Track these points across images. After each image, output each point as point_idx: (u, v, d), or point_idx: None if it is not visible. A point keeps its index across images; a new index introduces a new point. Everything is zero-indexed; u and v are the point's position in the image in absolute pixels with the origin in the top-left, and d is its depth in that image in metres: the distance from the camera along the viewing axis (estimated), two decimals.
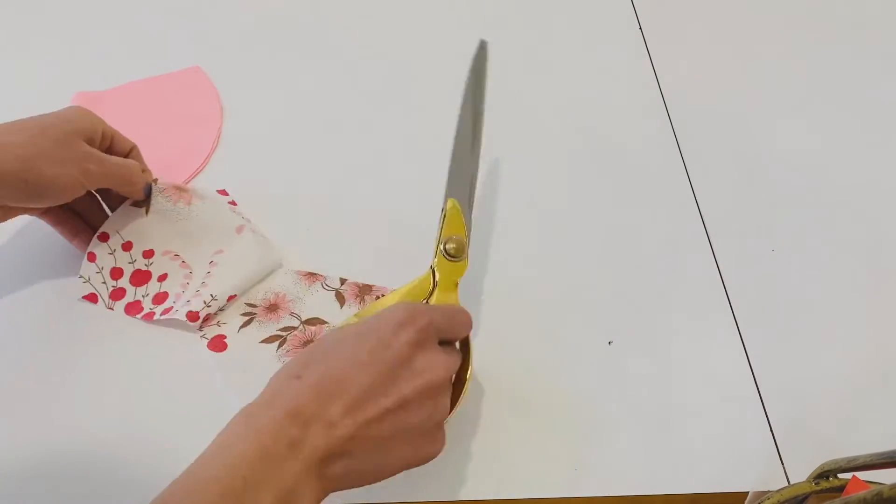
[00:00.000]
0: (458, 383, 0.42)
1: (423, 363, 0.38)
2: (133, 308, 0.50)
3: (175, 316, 0.49)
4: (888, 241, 0.57)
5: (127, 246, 0.52)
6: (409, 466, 0.39)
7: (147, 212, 0.52)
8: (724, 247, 0.56)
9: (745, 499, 0.41)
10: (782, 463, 0.46)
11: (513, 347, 0.51)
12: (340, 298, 0.51)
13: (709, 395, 0.48)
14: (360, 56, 0.69)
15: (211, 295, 0.49)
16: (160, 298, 0.51)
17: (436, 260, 0.45)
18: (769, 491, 0.38)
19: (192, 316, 0.49)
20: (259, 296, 0.51)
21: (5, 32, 0.69)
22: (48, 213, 0.51)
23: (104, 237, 0.52)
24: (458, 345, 0.43)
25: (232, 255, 0.52)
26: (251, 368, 0.47)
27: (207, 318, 0.49)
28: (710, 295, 0.54)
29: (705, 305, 0.53)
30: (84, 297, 0.51)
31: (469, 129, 0.50)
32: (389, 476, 0.38)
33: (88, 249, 0.51)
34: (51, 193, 0.47)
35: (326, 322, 0.50)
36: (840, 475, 0.36)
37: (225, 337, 0.49)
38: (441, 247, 0.45)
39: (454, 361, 0.41)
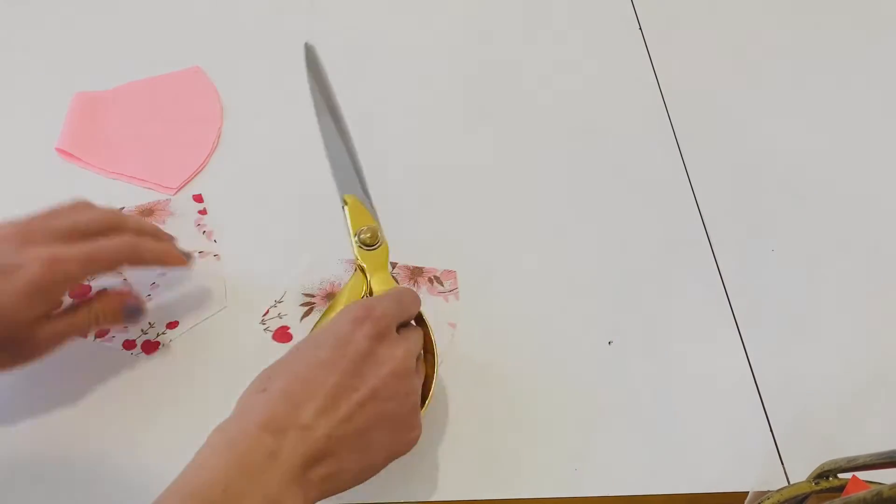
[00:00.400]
0: (428, 356, 0.43)
1: (385, 352, 0.38)
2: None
3: (111, 344, 0.47)
4: (888, 241, 0.57)
5: None
6: (391, 457, 0.39)
7: None
8: (724, 247, 0.56)
9: (745, 499, 0.41)
10: (782, 463, 0.46)
11: (513, 347, 0.51)
12: (395, 281, 0.50)
13: (709, 395, 0.48)
14: (360, 53, 0.69)
15: (150, 322, 0.48)
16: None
17: (357, 256, 0.45)
18: (769, 491, 0.38)
19: (129, 344, 0.47)
20: (315, 286, 0.52)
21: (4, 32, 0.69)
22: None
23: None
24: (413, 322, 0.43)
25: (175, 278, 0.51)
26: None
27: (157, 347, 0.48)
28: (710, 295, 0.54)
29: (705, 305, 0.53)
30: None
31: (333, 127, 0.49)
32: (375, 472, 0.38)
33: None
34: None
35: None
36: (840, 475, 0.36)
37: (289, 328, 0.50)
38: (356, 240, 0.45)
39: (415, 343, 0.41)
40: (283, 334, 0.49)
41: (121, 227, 0.44)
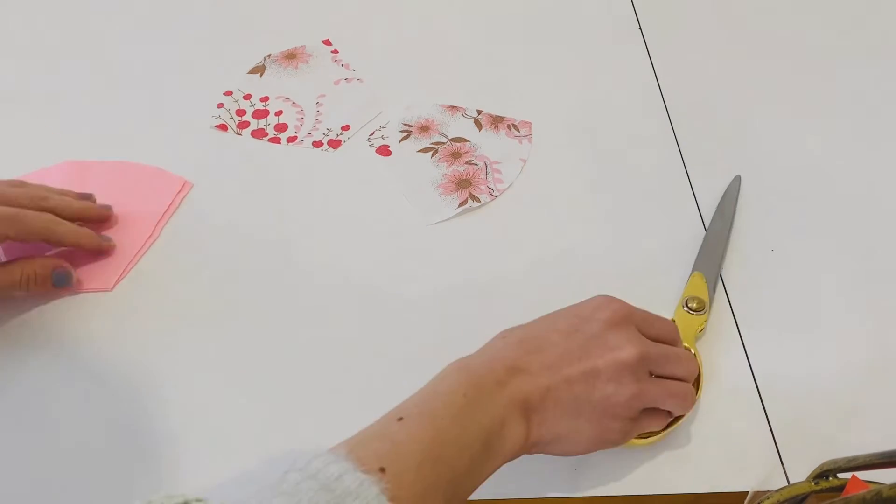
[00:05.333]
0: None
1: (615, 340, 0.41)
2: (259, 133, 0.64)
3: (301, 145, 0.63)
4: (888, 240, 0.57)
5: (247, 97, 0.67)
6: (595, 442, 0.42)
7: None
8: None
9: (745, 499, 0.41)
10: (782, 463, 0.46)
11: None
12: (478, 125, 0.64)
13: (709, 395, 0.48)
14: (361, 51, 0.69)
15: (328, 128, 0.64)
16: (281, 128, 0.64)
17: (675, 313, 0.51)
18: (769, 491, 0.38)
19: (317, 143, 0.63)
20: (413, 119, 0.65)
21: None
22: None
23: (228, 93, 0.67)
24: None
25: (333, 98, 0.67)
26: (410, 171, 0.61)
27: (335, 143, 0.63)
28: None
29: None
30: (216, 126, 0.64)
31: (717, 234, 0.56)
32: (578, 449, 0.42)
33: (219, 102, 0.66)
34: None
35: (468, 140, 0.63)
36: (840, 475, 0.36)
37: (389, 146, 0.63)
38: (683, 302, 0.52)
39: (657, 351, 0.43)
40: (383, 150, 0.63)
41: (51, 208, 0.52)
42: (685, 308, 0.51)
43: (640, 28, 0.72)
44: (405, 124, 0.64)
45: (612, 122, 0.64)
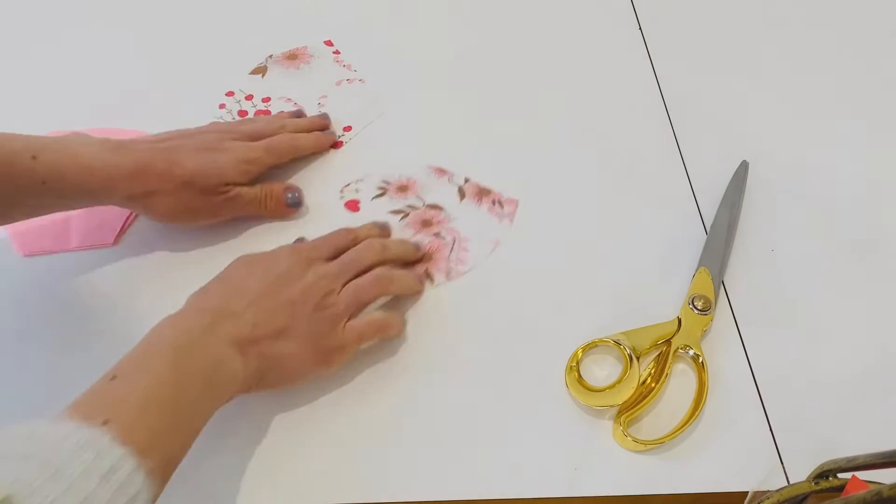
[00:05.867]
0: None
1: (311, 275, 0.47)
2: None
3: None
4: (888, 240, 0.57)
5: (249, 97, 0.66)
6: (308, 373, 0.47)
7: None
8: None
9: (745, 499, 0.41)
10: (782, 463, 0.46)
11: (511, 346, 0.51)
12: (461, 193, 0.59)
13: (709, 395, 0.48)
14: (368, 46, 0.69)
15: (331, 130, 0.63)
16: None
17: (681, 312, 0.51)
18: (769, 491, 0.38)
19: None
20: (394, 177, 0.61)
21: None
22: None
23: (230, 94, 0.66)
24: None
25: (335, 98, 0.66)
26: None
27: (338, 144, 0.63)
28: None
29: None
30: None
31: (725, 223, 0.56)
32: (295, 379, 0.46)
33: (221, 103, 0.66)
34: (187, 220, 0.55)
35: (444, 209, 0.58)
36: (840, 475, 0.36)
37: (359, 202, 0.59)
38: (689, 301, 0.52)
39: (342, 278, 0.49)
40: (352, 205, 0.59)
41: (283, 129, 0.60)
42: (691, 307, 0.51)
43: (640, 28, 0.72)
44: (384, 181, 0.60)
45: (611, 122, 0.64)
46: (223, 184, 0.53)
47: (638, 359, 0.49)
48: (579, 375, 0.48)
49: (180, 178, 0.51)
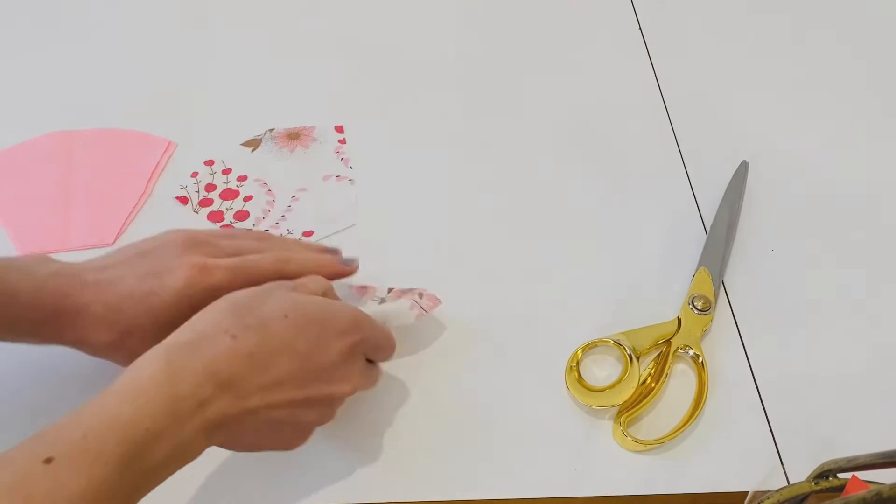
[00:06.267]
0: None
1: (343, 373, 0.39)
2: (215, 217, 0.58)
3: None
4: (888, 240, 0.57)
5: (226, 171, 0.60)
6: (270, 450, 0.40)
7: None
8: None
9: (745, 499, 0.41)
10: (782, 463, 0.46)
11: (512, 346, 0.51)
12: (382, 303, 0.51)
13: (709, 395, 0.48)
14: (358, 50, 0.69)
15: (289, 229, 0.57)
16: (241, 216, 0.58)
17: (681, 312, 0.51)
18: (769, 491, 0.38)
19: None
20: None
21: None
22: None
23: (209, 163, 0.61)
24: None
25: (312, 195, 0.59)
26: None
27: None
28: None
29: None
30: (176, 198, 0.59)
31: (725, 223, 0.56)
32: (250, 451, 0.40)
33: (194, 171, 0.60)
34: None
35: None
36: (840, 475, 0.36)
37: None
38: (689, 301, 0.51)
39: (367, 380, 0.43)
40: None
41: (273, 247, 0.46)
42: (691, 307, 0.51)
43: (640, 28, 0.72)
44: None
45: (611, 122, 0.64)
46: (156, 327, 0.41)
47: (638, 359, 0.49)
48: (579, 375, 0.48)
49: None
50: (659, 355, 0.50)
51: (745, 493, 0.42)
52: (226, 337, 0.35)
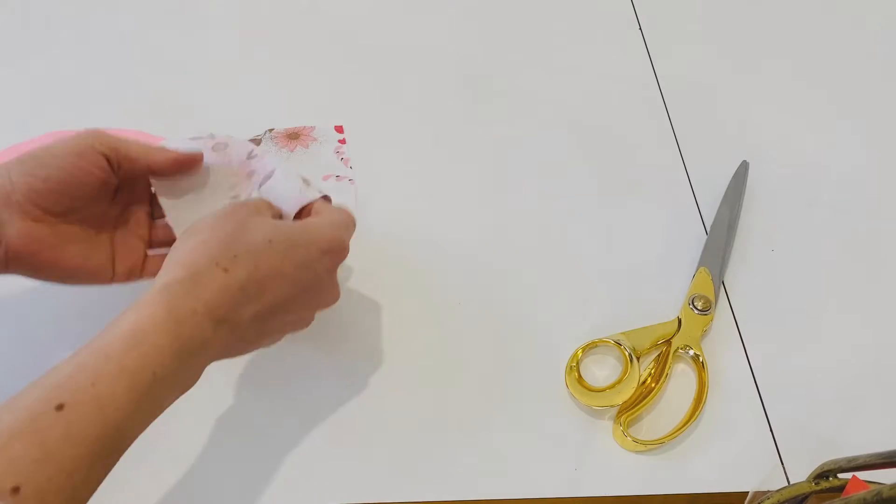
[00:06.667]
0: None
1: (328, 286, 0.42)
2: None
3: None
4: (888, 240, 0.57)
5: None
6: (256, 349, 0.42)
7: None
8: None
9: (745, 499, 0.41)
10: (782, 463, 0.46)
11: (512, 346, 0.51)
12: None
13: (709, 395, 0.48)
14: (356, 52, 0.69)
15: None
16: None
17: (681, 312, 0.51)
18: (769, 491, 0.38)
19: None
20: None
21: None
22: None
23: None
24: None
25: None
26: None
27: None
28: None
29: None
30: None
31: (725, 223, 0.56)
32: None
33: None
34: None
35: None
36: (840, 475, 0.36)
37: None
38: (689, 300, 0.52)
39: (338, 288, 0.44)
40: None
41: None
42: (691, 307, 0.51)
43: (640, 28, 0.72)
44: None
45: (611, 122, 0.64)
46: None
47: (638, 359, 0.49)
48: (579, 375, 0.48)
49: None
50: (659, 355, 0.50)
51: (745, 494, 0.42)
52: (218, 270, 0.36)
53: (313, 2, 0.73)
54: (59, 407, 0.29)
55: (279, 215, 0.43)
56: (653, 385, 0.48)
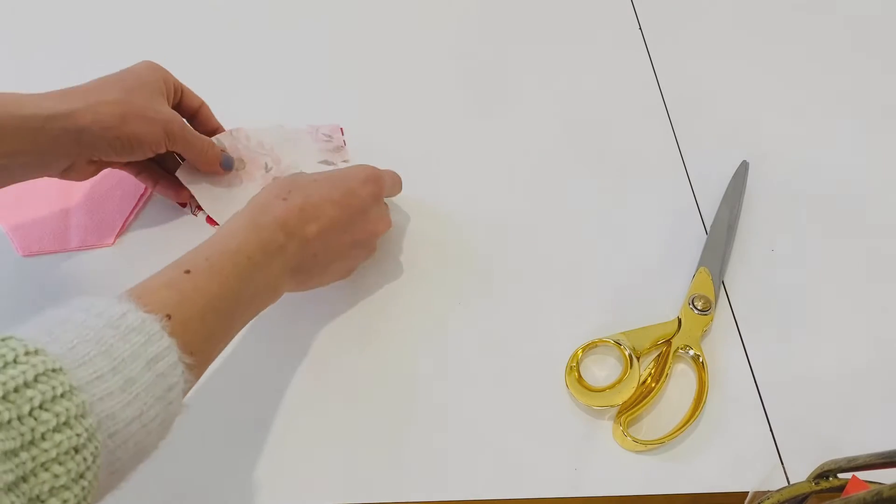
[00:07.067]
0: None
1: (375, 214, 0.50)
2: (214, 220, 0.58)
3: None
4: (888, 240, 0.57)
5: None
6: (331, 282, 0.50)
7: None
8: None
9: (745, 499, 0.41)
10: (782, 463, 0.46)
11: (512, 346, 0.51)
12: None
13: (708, 395, 0.48)
14: (354, 53, 0.69)
15: None
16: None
17: (681, 312, 0.52)
18: (769, 491, 0.38)
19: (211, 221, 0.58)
20: None
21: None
22: (130, 165, 0.55)
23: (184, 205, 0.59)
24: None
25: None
26: None
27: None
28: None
29: None
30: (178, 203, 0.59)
31: (725, 223, 0.56)
32: (318, 287, 0.50)
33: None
34: (139, 149, 0.50)
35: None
36: (840, 475, 0.36)
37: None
38: (689, 301, 0.52)
39: (388, 220, 0.52)
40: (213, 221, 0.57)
41: None
42: (691, 307, 0.51)
43: (640, 28, 0.72)
44: None
45: (611, 122, 0.64)
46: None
47: (638, 359, 0.49)
48: (579, 375, 0.48)
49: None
50: (659, 355, 0.50)
51: (745, 494, 0.42)
52: (278, 201, 0.46)
53: (313, 2, 0.73)
54: (187, 272, 0.39)
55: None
56: (653, 385, 0.48)
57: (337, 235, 0.47)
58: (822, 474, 0.36)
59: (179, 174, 0.56)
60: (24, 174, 0.48)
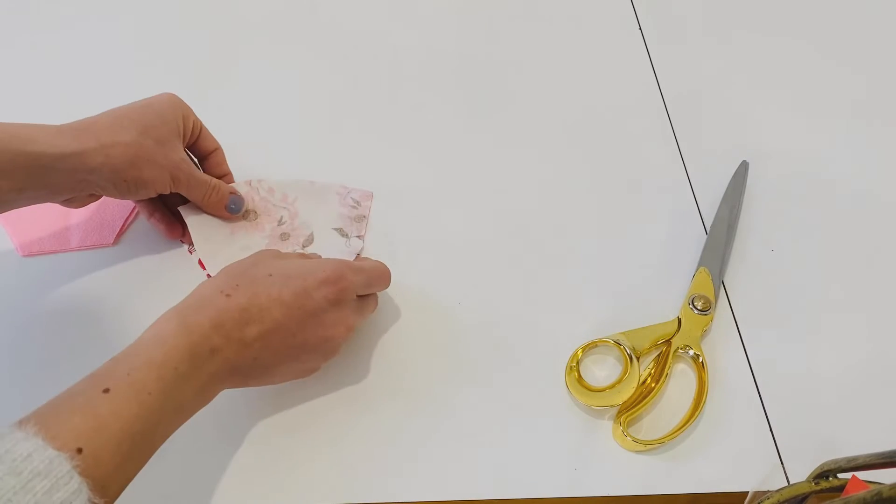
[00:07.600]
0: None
1: (332, 319, 0.45)
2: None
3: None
4: (888, 240, 0.57)
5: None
6: (283, 382, 0.47)
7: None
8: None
9: (745, 499, 0.41)
10: (782, 463, 0.46)
11: (512, 346, 0.51)
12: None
13: (709, 395, 0.48)
14: (354, 51, 0.69)
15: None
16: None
17: (681, 312, 0.51)
18: (769, 491, 0.38)
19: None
20: None
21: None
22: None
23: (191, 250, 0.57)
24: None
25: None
26: None
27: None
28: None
29: None
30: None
31: (725, 223, 0.56)
32: (266, 385, 0.46)
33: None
34: (143, 191, 0.50)
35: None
36: (840, 475, 0.36)
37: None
38: (689, 301, 0.52)
39: (360, 318, 0.47)
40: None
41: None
42: (691, 307, 0.51)
43: (640, 28, 0.72)
44: None
45: (611, 122, 0.64)
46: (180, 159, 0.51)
47: (638, 359, 0.49)
48: (579, 375, 0.48)
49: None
50: (659, 355, 0.50)
51: (745, 493, 0.42)
52: (221, 296, 0.42)
53: (312, 5, 0.73)
54: (106, 391, 0.36)
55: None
56: (653, 385, 0.48)
57: (282, 339, 0.43)
58: (822, 474, 0.36)
59: (182, 210, 0.55)
60: (27, 203, 0.48)
